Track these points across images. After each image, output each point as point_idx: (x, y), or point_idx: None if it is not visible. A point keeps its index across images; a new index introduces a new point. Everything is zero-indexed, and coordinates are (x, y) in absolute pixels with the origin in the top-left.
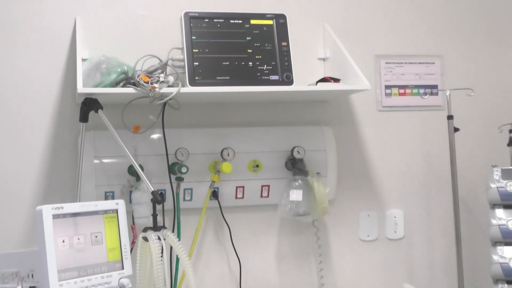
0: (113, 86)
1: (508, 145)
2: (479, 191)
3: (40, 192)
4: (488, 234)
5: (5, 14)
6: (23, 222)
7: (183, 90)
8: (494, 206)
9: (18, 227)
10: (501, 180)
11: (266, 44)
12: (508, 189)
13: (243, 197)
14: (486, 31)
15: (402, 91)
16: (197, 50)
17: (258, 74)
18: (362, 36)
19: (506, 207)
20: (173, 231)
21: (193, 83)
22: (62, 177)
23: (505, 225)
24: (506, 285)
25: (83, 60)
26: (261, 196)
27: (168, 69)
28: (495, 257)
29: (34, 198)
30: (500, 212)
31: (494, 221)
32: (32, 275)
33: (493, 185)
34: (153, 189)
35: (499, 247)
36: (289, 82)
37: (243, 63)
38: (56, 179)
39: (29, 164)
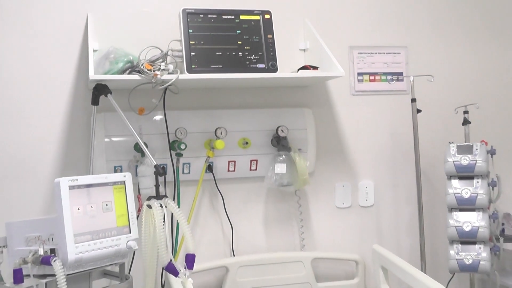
0: (120, 74)
1: (463, 124)
2: (438, 164)
3: (58, 167)
4: (445, 202)
5: (27, 12)
6: (44, 192)
7: (182, 76)
8: (450, 177)
9: (39, 197)
10: (456, 154)
11: (254, 37)
12: (462, 162)
13: (234, 170)
14: (445, 26)
15: (372, 77)
16: (193, 42)
17: (247, 62)
18: (338, 30)
19: (460, 178)
20: (173, 200)
21: (190, 70)
22: (77, 153)
23: (459, 193)
24: (460, 245)
25: (94, 50)
26: (250, 169)
27: (168, 58)
28: (451, 221)
29: (52, 172)
30: (455, 183)
31: (450, 190)
32: (52, 238)
33: (449, 159)
34: (156, 163)
35: (454, 213)
36: (274, 69)
37: (233, 53)
38: (71, 155)
39: (48, 142)
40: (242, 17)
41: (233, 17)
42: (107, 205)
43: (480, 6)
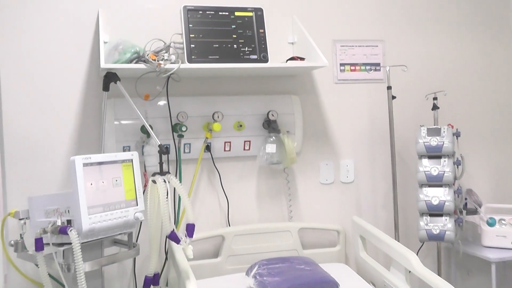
0: (128, 63)
1: (432, 109)
2: (410, 145)
3: (73, 146)
4: (416, 178)
5: (47, 9)
6: (61, 170)
7: (183, 66)
8: (421, 157)
9: (57, 174)
10: (426, 136)
11: (247, 31)
12: (431, 143)
13: (230, 150)
14: (417, 22)
15: (353, 68)
16: (193, 35)
17: (241, 54)
18: (322, 25)
19: (430, 157)
20: (175, 176)
21: (190, 60)
22: (90, 134)
23: (429, 171)
24: (429, 217)
25: (105, 42)
26: (244, 149)
27: (171, 49)
28: (421, 196)
29: (68, 151)
30: (425, 162)
31: (421, 168)
32: (68, 211)
33: (420, 141)
34: (160, 144)
35: (424, 188)
36: (265, 60)
37: (229, 45)
38: (85, 136)
39: (65, 125)
40: (236, 13)
41: (228, 13)
42: (116, 180)
43: (448, 5)
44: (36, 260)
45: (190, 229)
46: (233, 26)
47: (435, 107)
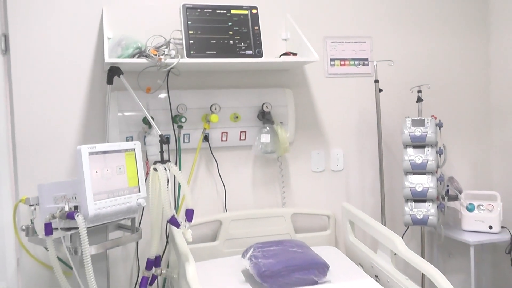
0: (130, 58)
1: (417, 101)
2: (396, 135)
3: (79, 136)
4: (402, 167)
5: (54, 7)
6: (68, 159)
7: (182, 61)
8: (406, 146)
9: (65, 162)
10: (411, 127)
11: (243, 28)
12: (416, 133)
13: (227, 140)
14: (402, 20)
15: (342, 62)
16: (192, 32)
17: (237, 49)
18: (314, 23)
19: (414, 147)
20: (175, 165)
21: (189, 55)
22: (95, 125)
23: (413, 160)
24: (413, 203)
25: (109, 38)
26: (240, 139)
27: (171, 45)
28: (406, 183)
29: (75, 141)
30: (410, 151)
31: (406, 157)
32: (75, 197)
33: (406, 131)
34: (161, 134)
35: (409, 176)
36: (260, 55)
37: (226, 41)
38: (90, 126)
39: (72, 117)
40: (233, 11)
41: (225, 11)
42: (120, 168)
43: (432, 5)
44: (45, 244)
45: (189, 214)
46: (230, 23)
47: (419, 100)
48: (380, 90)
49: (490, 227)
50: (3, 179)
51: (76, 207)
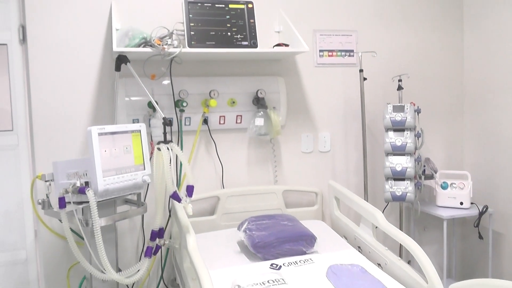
0: (137, 47)
1: (397, 89)
2: (378, 120)
3: (90, 119)
4: (383, 148)
5: (69, 2)
6: (80, 138)
7: (184, 50)
8: (387, 130)
9: (77, 142)
10: (392, 112)
11: (239, 21)
12: (396, 118)
13: (224, 123)
14: (385, 15)
15: (330, 53)
16: (193, 24)
17: (234, 40)
18: (305, 17)
19: (395, 130)
20: (177, 145)
21: (190, 46)
22: (104, 108)
23: (394, 142)
24: (393, 181)
25: (117, 29)
26: (236, 122)
27: (174, 36)
28: (387, 163)
29: (86, 122)
30: (391, 134)
31: (387, 140)
32: (86, 174)
33: (387, 116)
34: (164, 117)
35: (389, 157)
36: (255, 46)
37: (224, 33)
38: (100, 110)
39: (84, 101)
40: (230, 6)
41: (223, 5)
42: (127, 148)
43: (412, 2)
44: (59, 216)
45: (190, 190)
46: (227, 17)
47: (399, 88)
48: (364, 79)
49: (461, 203)
50: (22, 157)
51: (87, 183)
